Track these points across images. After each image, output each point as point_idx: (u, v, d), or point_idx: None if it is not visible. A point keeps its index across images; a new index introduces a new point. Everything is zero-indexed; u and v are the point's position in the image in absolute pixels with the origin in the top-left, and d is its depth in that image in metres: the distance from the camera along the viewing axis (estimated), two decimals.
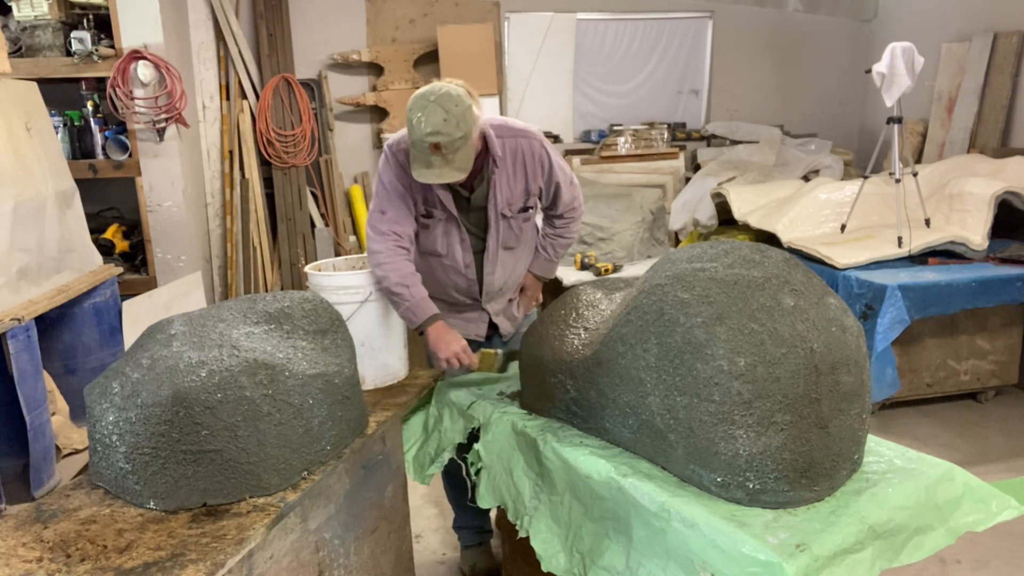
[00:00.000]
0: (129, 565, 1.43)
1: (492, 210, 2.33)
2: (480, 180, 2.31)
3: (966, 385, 3.96)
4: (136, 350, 1.76)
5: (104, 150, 4.16)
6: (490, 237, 2.38)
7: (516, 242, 2.45)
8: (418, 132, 2.04)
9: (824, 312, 1.62)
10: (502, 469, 2.11)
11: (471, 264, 2.41)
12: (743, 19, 5.94)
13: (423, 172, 2.09)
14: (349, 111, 5.32)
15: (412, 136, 2.07)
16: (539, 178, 2.37)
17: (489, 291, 2.47)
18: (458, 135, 2.04)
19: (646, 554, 1.63)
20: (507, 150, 2.29)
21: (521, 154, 2.32)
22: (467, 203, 2.34)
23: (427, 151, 2.06)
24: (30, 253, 2.62)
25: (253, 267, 4.96)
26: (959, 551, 2.72)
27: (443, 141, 2.04)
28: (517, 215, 2.38)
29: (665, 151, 5.66)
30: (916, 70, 3.79)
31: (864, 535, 1.48)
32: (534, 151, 2.33)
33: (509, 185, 2.32)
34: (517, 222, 2.40)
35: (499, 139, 2.26)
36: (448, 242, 2.36)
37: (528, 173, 2.34)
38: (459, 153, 2.08)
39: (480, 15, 5.38)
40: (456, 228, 2.35)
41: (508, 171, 2.31)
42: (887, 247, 3.80)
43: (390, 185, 2.28)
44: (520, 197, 2.36)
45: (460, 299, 2.49)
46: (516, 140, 2.31)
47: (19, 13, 3.87)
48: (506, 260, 2.46)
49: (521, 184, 2.34)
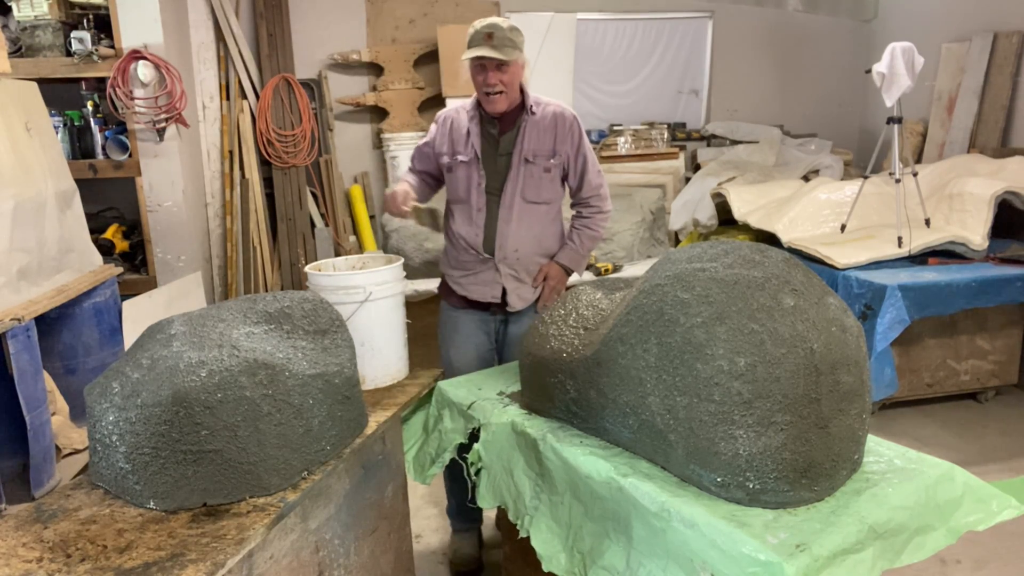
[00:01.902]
0: (129, 565, 1.43)
1: (516, 154, 2.54)
2: (512, 129, 2.56)
3: (966, 385, 3.96)
4: (136, 350, 1.76)
5: (104, 150, 4.16)
6: (509, 181, 2.55)
7: (537, 196, 2.57)
8: (478, 27, 2.44)
9: (824, 312, 1.62)
10: (502, 469, 2.11)
11: (482, 209, 2.58)
12: (743, 19, 5.94)
13: (471, 51, 2.42)
14: (349, 111, 5.32)
15: (472, 33, 2.45)
16: (567, 143, 2.58)
17: (503, 245, 2.57)
18: (512, 37, 2.43)
19: (646, 554, 1.63)
20: (542, 109, 2.58)
21: (554, 117, 2.57)
22: (495, 147, 2.57)
23: (481, 39, 2.41)
24: (30, 253, 2.62)
25: (253, 267, 4.96)
26: (959, 551, 2.72)
27: (496, 32, 2.41)
28: (539, 163, 2.55)
29: (665, 151, 5.66)
30: (916, 70, 3.79)
31: (864, 535, 1.48)
32: (567, 118, 2.59)
33: (539, 137, 2.55)
34: (538, 170, 2.56)
35: (536, 104, 2.58)
36: (467, 185, 2.58)
37: (558, 135, 2.57)
38: (504, 48, 2.41)
39: (480, 15, 5.36)
40: (476, 170, 2.56)
41: (539, 126, 2.55)
42: (887, 247, 3.80)
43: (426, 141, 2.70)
44: (547, 152, 2.57)
45: (470, 253, 2.60)
46: (553, 106, 2.60)
47: (19, 13, 3.87)
48: (524, 216, 2.57)
49: (550, 142, 2.56)
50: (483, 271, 2.61)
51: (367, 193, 5.38)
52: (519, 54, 2.45)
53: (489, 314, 2.67)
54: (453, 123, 2.61)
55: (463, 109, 2.63)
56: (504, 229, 2.56)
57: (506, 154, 2.57)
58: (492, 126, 2.57)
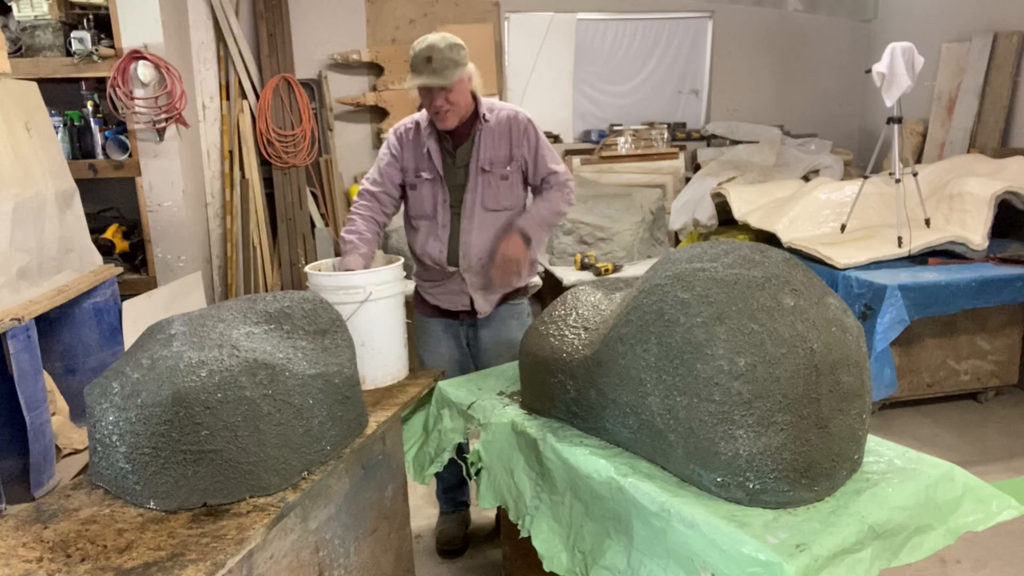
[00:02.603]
0: (129, 565, 1.43)
1: (473, 164, 2.54)
2: (467, 140, 2.55)
3: (966, 385, 3.96)
4: (136, 350, 1.76)
5: (104, 150, 4.16)
6: (468, 191, 2.55)
7: (495, 204, 2.56)
8: (417, 49, 2.38)
9: (824, 312, 1.62)
10: (502, 469, 2.11)
11: (447, 225, 2.58)
12: (743, 19, 5.94)
13: (413, 79, 2.40)
14: (349, 111, 5.32)
15: (412, 55, 2.40)
16: (522, 146, 2.57)
17: (467, 254, 2.57)
18: (451, 56, 2.37)
19: (647, 554, 1.63)
20: (495, 117, 2.56)
21: (508, 122, 2.56)
22: (452, 160, 2.56)
23: (421, 64, 2.37)
24: (30, 253, 2.62)
25: (253, 267, 4.96)
26: (959, 551, 2.72)
27: (435, 55, 2.35)
28: (496, 171, 2.55)
29: (665, 151, 5.66)
30: (916, 70, 3.79)
31: (864, 535, 1.48)
32: (520, 121, 2.58)
33: (493, 144, 2.55)
34: (495, 179, 2.55)
35: (490, 110, 2.56)
36: (433, 203, 2.58)
37: (513, 140, 2.56)
38: (447, 71, 2.36)
39: (480, 15, 5.38)
40: (440, 187, 2.57)
41: (494, 134, 2.55)
42: (887, 247, 3.79)
43: (383, 158, 2.64)
44: (503, 159, 2.56)
45: (436, 267, 2.61)
46: (505, 112, 2.58)
47: (19, 13, 3.87)
48: (485, 224, 2.56)
49: (505, 148, 2.56)
50: (450, 282, 2.63)
51: None
52: (461, 70, 2.40)
53: (459, 322, 2.71)
54: (412, 140, 2.59)
55: (420, 124, 2.60)
56: (467, 239, 2.56)
57: (463, 165, 2.55)
58: (447, 140, 2.56)
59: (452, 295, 2.64)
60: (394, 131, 2.65)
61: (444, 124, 2.48)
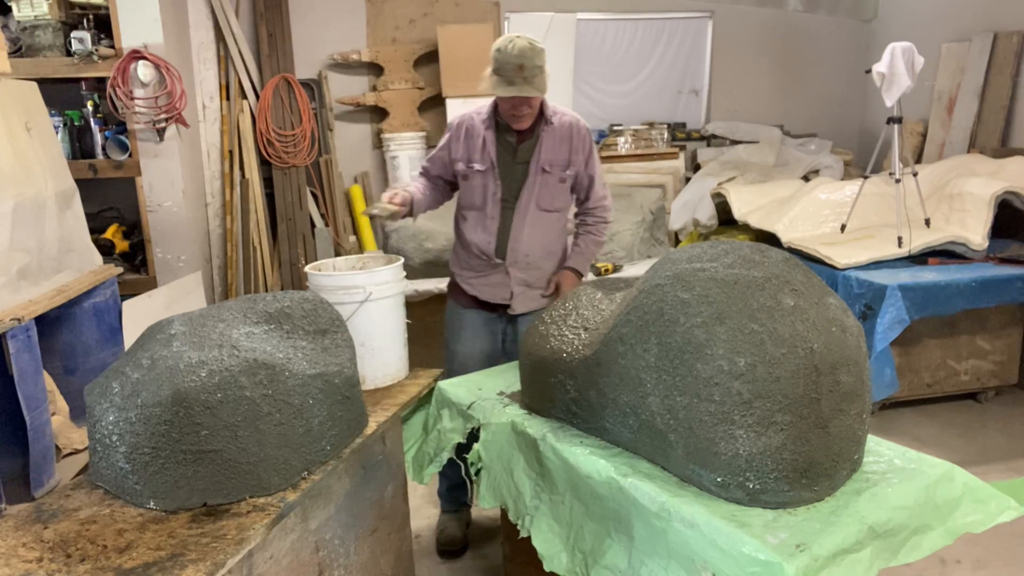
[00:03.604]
0: (129, 565, 1.43)
1: (534, 163, 2.59)
2: (530, 137, 2.60)
3: (966, 385, 3.96)
4: (136, 350, 1.76)
5: (104, 150, 4.16)
6: (525, 189, 2.61)
7: (550, 204, 2.63)
8: (506, 55, 2.39)
9: (824, 312, 1.62)
10: (502, 469, 2.11)
11: (496, 217, 2.63)
12: (743, 19, 5.94)
13: (506, 88, 2.41)
14: (349, 111, 5.32)
15: (499, 60, 2.41)
16: (580, 154, 2.64)
17: (515, 250, 2.63)
18: (538, 63, 2.41)
19: (648, 553, 1.63)
20: (559, 120, 2.62)
21: (570, 128, 2.63)
22: (512, 156, 2.61)
23: (512, 71, 2.39)
24: (30, 253, 2.61)
25: (253, 267, 4.96)
26: (959, 551, 2.72)
27: (527, 64, 2.39)
28: (555, 173, 2.61)
29: (665, 151, 5.66)
30: (916, 70, 3.79)
31: (864, 535, 1.48)
32: (581, 131, 2.65)
33: (554, 147, 2.61)
34: (554, 180, 2.62)
35: (553, 113, 2.62)
36: (483, 194, 2.62)
37: (572, 146, 2.63)
38: (536, 79, 2.42)
39: (480, 15, 5.38)
40: (493, 179, 2.61)
41: (556, 136, 2.61)
42: (887, 247, 3.79)
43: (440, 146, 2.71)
44: (562, 163, 2.62)
45: (482, 258, 2.66)
46: (568, 117, 2.65)
47: (19, 13, 3.87)
48: (537, 223, 2.63)
49: (565, 153, 2.62)
50: (493, 274, 2.68)
51: (367, 193, 5.38)
52: (545, 65, 2.45)
53: (497, 315, 2.74)
54: (468, 131, 2.63)
55: (477, 116, 2.64)
56: (517, 236, 2.63)
57: (523, 163, 2.61)
58: (510, 134, 2.60)
59: (493, 287, 2.68)
60: (460, 120, 2.67)
61: (520, 125, 2.55)
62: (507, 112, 2.52)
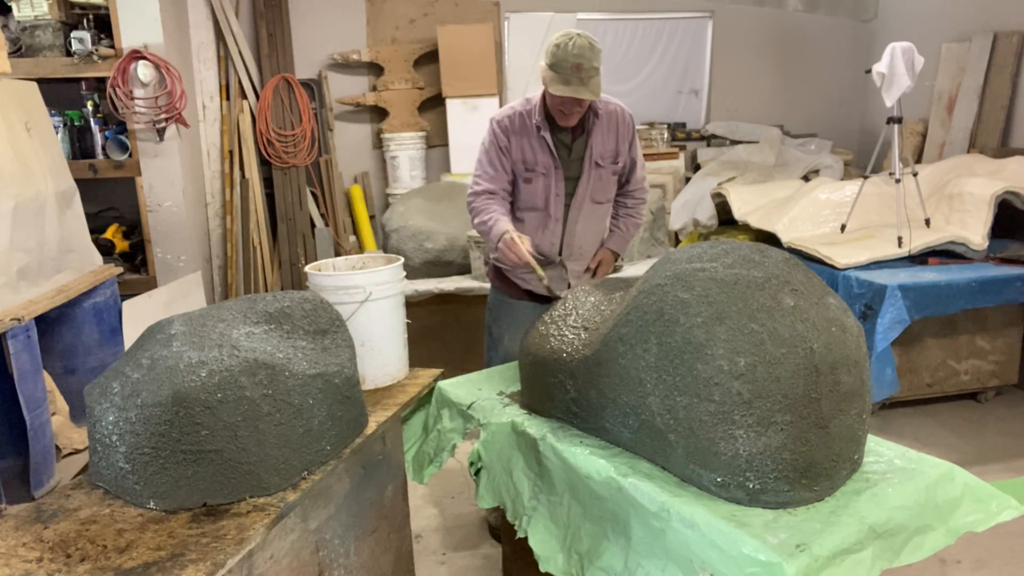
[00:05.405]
0: (129, 565, 1.43)
1: (588, 159, 2.60)
2: (581, 133, 2.60)
3: (966, 385, 3.96)
4: (136, 350, 1.76)
5: (104, 150, 4.16)
6: (581, 184, 2.62)
7: (603, 196, 2.69)
8: (565, 52, 2.34)
9: (824, 312, 1.62)
10: (501, 469, 2.10)
11: (560, 218, 2.66)
12: (743, 19, 5.94)
13: (561, 87, 2.36)
14: (349, 111, 5.32)
15: (558, 56, 2.35)
16: (626, 142, 2.66)
17: (570, 244, 2.68)
18: (595, 64, 2.37)
19: (645, 554, 1.63)
20: (605, 110, 2.62)
21: (616, 117, 2.64)
22: (568, 154, 2.61)
23: (569, 71, 2.34)
24: (30, 253, 2.61)
25: (253, 267, 4.96)
26: (959, 551, 2.72)
27: (584, 64, 2.34)
28: (607, 167, 2.64)
29: (665, 151, 5.66)
30: (916, 70, 3.79)
31: (864, 535, 1.48)
32: (626, 118, 2.66)
33: (603, 140, 2.62)
34: (607, 173, 2.65)
35: (601, 102, 2.59)
36: (546, 196, 2.62)
37: (619, 135, 2.64)
38: (592, 81, 2.37)
39: (480, 15, 5.38)
40: (556, 180, 2.61)
41: (604, 128, 2.61)
42: (887, 247, 3.79)
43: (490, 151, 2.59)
44: (611, 155, 2.64)
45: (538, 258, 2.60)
46: (613, 105, 2.65)
47: (19, 13, 3.87)
48: (589, 216, 2.68)
49: (612, 143, 2.64)
50: (551, 270, 2.68)
51: (367, 193, 5.38)
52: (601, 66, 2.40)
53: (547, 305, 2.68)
54: (521, 131, 2.57)
55: (526, 116, 2.57)
56: (572, 230, 2.67)
57: (578, 159, 2.62)
58: (563, 132, 2.59)
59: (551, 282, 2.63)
60: (498, 123, 2.59)
61: (568, 122, 2.53)
62: (555, 107, 2.48)
